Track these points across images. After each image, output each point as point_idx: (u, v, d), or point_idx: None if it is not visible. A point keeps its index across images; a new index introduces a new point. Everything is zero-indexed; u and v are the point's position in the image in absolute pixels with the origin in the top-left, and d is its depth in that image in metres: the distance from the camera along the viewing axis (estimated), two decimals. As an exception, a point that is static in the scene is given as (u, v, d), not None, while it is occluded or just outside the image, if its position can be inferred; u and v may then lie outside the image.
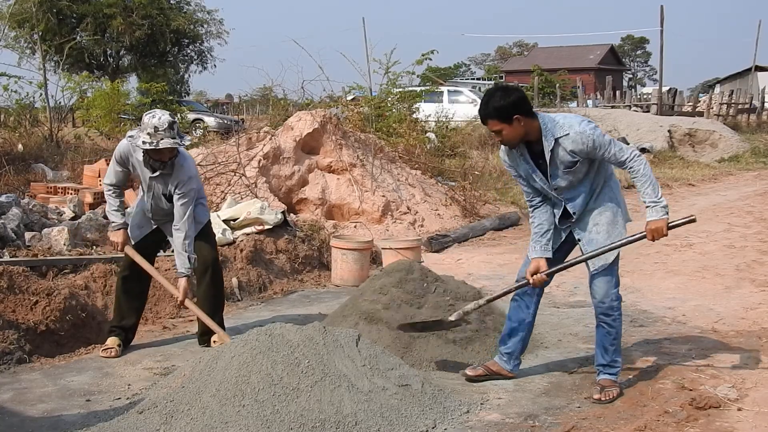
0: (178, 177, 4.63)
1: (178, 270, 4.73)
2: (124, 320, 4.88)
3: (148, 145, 4.40)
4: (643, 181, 3.78)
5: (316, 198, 9.70)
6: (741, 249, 8.07)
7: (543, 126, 3.81)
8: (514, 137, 3.82)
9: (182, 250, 4.67)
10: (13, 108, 13.31)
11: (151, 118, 4.43)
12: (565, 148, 3.80)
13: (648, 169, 3.78)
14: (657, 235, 3.80)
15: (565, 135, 3.78)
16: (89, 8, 27.74)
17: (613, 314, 3.99)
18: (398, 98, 14.57)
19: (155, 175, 4.62)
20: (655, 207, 3.78)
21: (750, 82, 36.96)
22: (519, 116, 3.75)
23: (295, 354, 3.66)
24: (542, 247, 4.02)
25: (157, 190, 4.68)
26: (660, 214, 3.78)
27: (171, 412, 3.56)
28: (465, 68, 69.43)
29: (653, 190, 3.77)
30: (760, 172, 17.15)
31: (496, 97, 3.78)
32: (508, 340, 4.24)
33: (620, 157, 3.79)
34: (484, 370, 4.26)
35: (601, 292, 3.98)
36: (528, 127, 3.80)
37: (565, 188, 3.93)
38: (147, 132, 4.41)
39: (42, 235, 6.01)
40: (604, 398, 3.91)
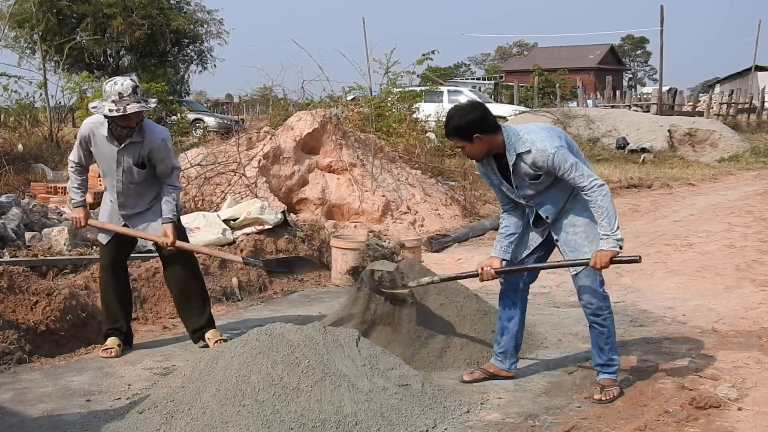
0: (153, 141, 4.54)
1: (164, 215, 4.62)
2: (118, 323, 4.82)
3: (115, 112, 4.32)
4: (599, 213, 3.77)
5: (316, 198, 9.70)
6: (741, 249, 8.07)
7: (507, 140, 3.86)
8: (476, 153, 3.92)
9: (170, 198, 4.62)
10: (13, 108, 13.32)
11: (113, 85, 4.34)
12: (526, 163, 3.85)
13: (606, 200, 3.75)
14: (599, 264, 3.79)
15: (527, 151, 3.83)
16: (89, 8, 27.74)
17: (603, 313, 4.01)
18: (398, 98, 14.57)
19: (123, 146, 4.51)
20: (609, 239, 3.76)
21: (750, 82, 36.97)
22: (479, 135, 3.83)
23: (295, 354, 3.66)
24: (502, 248, 4.12)
25: (127, 163, 4.56)
26: (611, 246, 3.76)
27: (171, 412, 3.56)
28: (465, 68, 69.40)
29: (609, 223, 3.75)
30: (760, 171, 17.14)
31: (456, 117, 3.87)
32: (501, 338, 4.27)
33: (579, 182, 3.79)
34: (482, 373, 4.26)
35: (587, 295, 4.00)
36: (490, 143, 3.87)
37: (533, 196, 3.98)
38: (111, 100, 4.32)
39: (42, 235, 6.01)
40: (604, 398, 3.92)
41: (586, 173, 3.78)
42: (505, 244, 4.12)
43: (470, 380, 4.22)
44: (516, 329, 4.24)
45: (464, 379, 4.24)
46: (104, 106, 4.36)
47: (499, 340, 4.28)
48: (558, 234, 4.03)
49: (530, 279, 4.26)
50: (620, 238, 3.76)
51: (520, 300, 4.24)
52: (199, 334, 4.85)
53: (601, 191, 3.76)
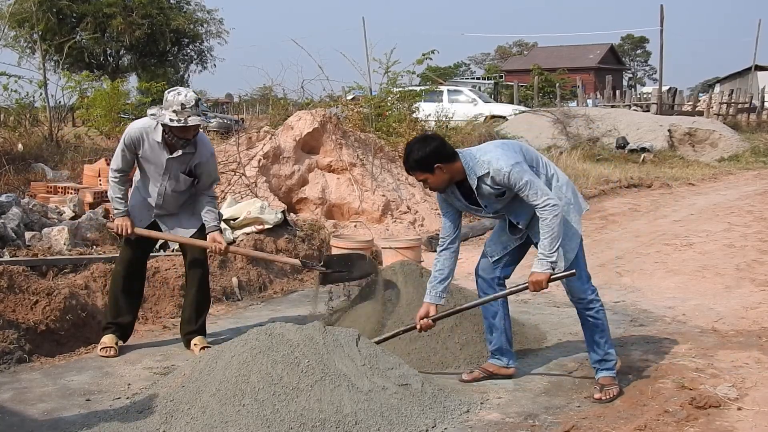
0: (203, 154, 4.64)
1: (210, 224, 4.72)
2: (120, 317, 4.82)
3: (176, 123, 4.35)
4: (546, 231, 3.79)
5: (316, 197, 9.70)
6: (741, 248, 8.07)
7: (465, 165, 3.90)
8: (439, 184, 3.96)
9: (212, 208, 4.74)
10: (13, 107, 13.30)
11: (176, 95, 4.37)
12: (488, 184, 3.89)
13: (555, 221, 3.77)
14: (537, 287, 3.84)
15: (486, 173, 3.86)
16: (89, 8, 27.74)
17: (595, 306, 4.05)
18: (398, 98, 14.55)
19: (174, 156, 4.55)
20: (543, 260, 3.81)
21: (750, 82, 36.96)
22: (440, 165, 3.86)
23: (295, 353, 3.66)
24: (437, 294, 4.16)
25: (175, 171, 4.61)
26: (544, 268, 3.80)
27: (171, 411, 3.56)
28: (465, 68, 69.40)
29: (550, 243, 3.78)
30: (760, 171, 17.15)
31: (415, 150, 3.90)
32: (491, 336, 4.30)
33: (533, 200, 3.82)
34: (481, 373, 4.27)
35: (577, 291, 4.04)
36: (451, 172, 3.91)
37: (503, 209, 4.04)
38: (173, 110, 4.34)
39: (42, 235, 6.01)
40: (604, 397, 3.92)
41: (540, 191, 3.81)
42: (440, 289, 4.16)
43: (470, 379, 4.23)
44: (503, 324, 4.26)
45: (463, 378, 4.25)
46: (165, 114, 4.38)
47: (489, 339, 4.31)
48: (536, 237, 4.01)
49: (504, 273, 4.26)
50: (554, 260, 3.81)
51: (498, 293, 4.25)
52: (187, 338, 4.87)
53: (553, 210, 3.78)
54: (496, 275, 4.23)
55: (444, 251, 4.17)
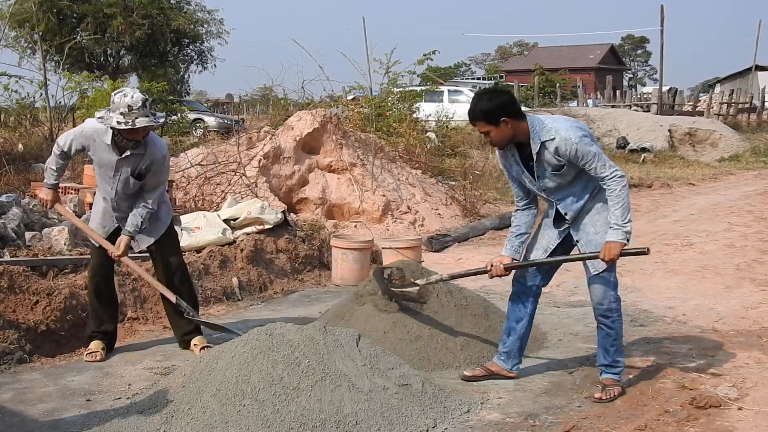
0: (153, 155, 4.52)
1: (124, 228, 4.59)
2: (104, 326, 4.80)
3: (124, 125, 4.26)
4: (616, 202, 3.77)
5: (317, 197, 9.70)
6: (741, 248, 8.07)
7: (531, 128, 3.83)
8: (501, 139, 3.88)
9: (138, 214, 4.57)
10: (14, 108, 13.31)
11: (122, 97, 4.29)
12: (550, 151, 3.82)
13: (624, 192, 3.77)
14: (609, 256, 3.78)
15: (551, 139, 3.80)
16: (89, 8, 27.73)
17: (612, 316, 3.99)
18: (398, 98, 14.57)
19: (124, 156, 4.48)
20: (618, 230, 3.76)
21: (750, 82, 36.95)
22: (506, 119, 3.79)
23: (296, 354, 3.66)
24: (513, 248, 4.09)
25: (125, 173, 4.53)
26: (619, 237, 3.76)
27: (171, 411, 3.56)
28: (465, 68, 69.38)
29: (622, 213, 3.76)
30: (760, 171, 17.16)
31: (483, 100, 3.83)
32: (507, 338, 4.24)
33: (600, 172, 3.79)
34: (483, 371, 4.25)
35: (599, 295, 3.98)
36: (516, 129, 3.84)
37: (554, 189, 3.95)
38: (120, 112, 4.27)
39: (42, 235, 6.01)
40: (605, 397, 3.92)
41: (608, 163, 3.80)
42: (516, 243, 4.08)
43: (471, 375, 4.21)
44: (523, 331, 4.21)
45: (465, 374, 4.23)
46: (112, 117, 4.31)
47: (504, 340, 4.25)
48: (578, 234, 3.99)
49: (543, 282, 4.20)
50: (629, 230, 3.77)
51: (531, 303, 4.19)
52: (185, 340, 4.86)
53: (621, 181, 3.77)
54: (536, 283, 4.15)
55: (519, 210, 4.11)
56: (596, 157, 3.78)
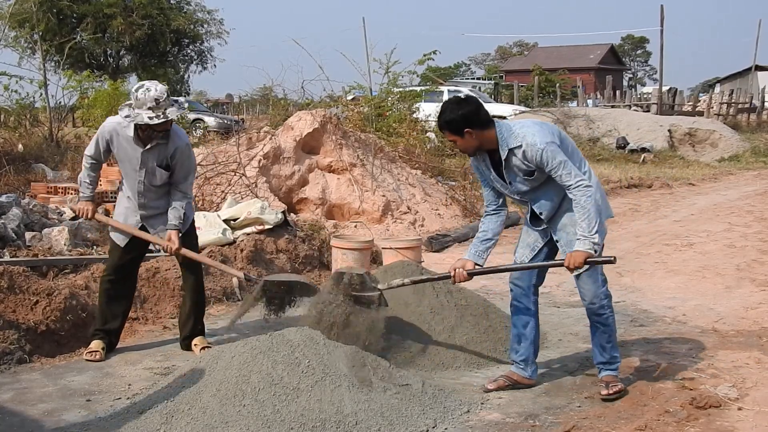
0: (176, 143, 4.53)
1: (170, 222, 4.62)
2: (108, 324, 4.80)
3: (157, 119, 4.28)
4: (581, 213, 3.76)
5: (317, 198, 9.70)
6: (741, 248, 8.07)
7: (499, 136, 3.85)
8: (467, 148, 3.92)
9: (179, 206, 4.61)
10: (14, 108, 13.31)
11: (147, 92, 4.29)
12: (518, 158, 3.83)
13: (589, 201, 3.74)
14: (573, 264, 3.77)
15: (518, 146, 3.81)
16: (89, 8, 27.76)
17: (605, 312, 4.00)
18: (398, 98, 14.57)
19: (148, 147, 4.49)
20: (585, 240, 3.75)
21: (750, 82, 36.97)
22: (469, 129, 3.82)
23: (296, 354, 3.66)
24: (477, 252, 4.07)
25: (151, 164, 4.54)
26: (586, 247, 3.75)
27: (171, 412, 3.55)
28: (465, 68, 69.40)
29: (588, 224, 3.74)
30: (760, 171, 17.16)
31: (447, 111, 3.87)
32: (519, 346, 4.17)
33: (566, 181, 3.78)
34: (506, 381, 4.13)
35: (589, 294, 3.98)
36: (481, 138, 3.86)
37: (526, 192, 3.96)
38: (148, 107, 4.28)
39: (42, 235, 6.02)
40: (611, 392, 3.92)
41: (573, 172, 3.77)
42: (481, 248, 4.08)
43: (494, 388, 4.10)
44: (534, 335, 4.17)
45: (488, 387, 4.10)
46: (141, 114, 4.30)
47: (516, 348, 4.18)
48: (558, 234, 4.00)
49: (538, 282, 4.18)
50: (597, 241, 3.76)
51: (533, 303, 4.17)
52: (187, 342, 4.87)
53: (587, 192, 3.75)
54: (532, 282, 4.14)
55: (488, 215, 4.12)
56: (562, 164, 3.76)
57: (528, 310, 4.15)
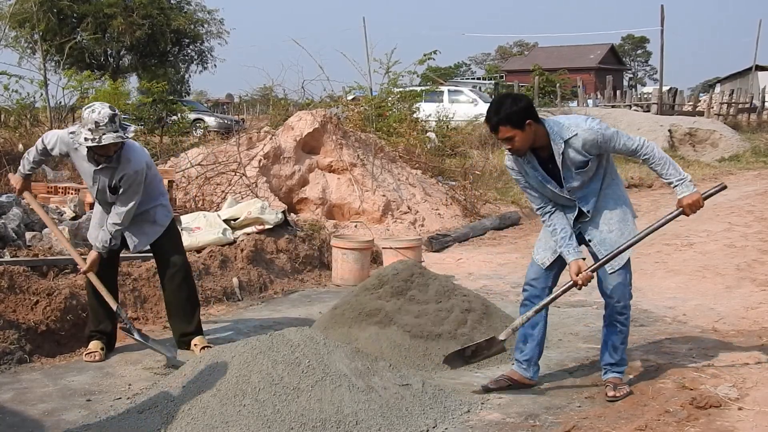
0: (125, 169, 4.46)
1: (94, 244, 4.61)
2: (101, 325, 4.79)
3: (91, 142, 4.24)
4: (662, 164, 3.81)
5: (317, 198, 9.70)
6: (742, 248, 8.07)
7: (550, 130, 3.79)
8: (525, 143, 3.79)
9: (107, 230, 4.56)
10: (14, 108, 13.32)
11: (90, 113, 4.25)
12: (576, 149, 3.77)
13: (661, 151, 3.81)
14: (694, 209, 3.81)
15: (574, 135, 3.76)
16: (90, 8, 27.75)
17: (627, 313, 4.00)
18: (399, 98, 14.57)
19: (99, 167, 4.47)
20: (683, 183, 3.80)
21: (750, 82, 36.94)
22: (531, 121, 3.74)
23: (296, 353, 3.66)
24: (576, 250, 3.93)
25: (102, 184, 4.53)
26: (691, 188, 3.80)
27: (171, 411, 3.56)
28: (465, 68, 69.35)
29: (675, 169, 3.80)
30: (760, 171, 17.14)
31: (507, 104, 3.75)
32: (524, 346, 4.14)
33: (630, 145, 3.81)
34: (506, 381, 4.12)
35: (618, 292, 3.95)
36: (537, 133, 3.79)
37: (577, 188, 3.90)
38: (88, 128, 4.24)
39: (43, 235, 6.02)
40: (618, 394, 3.92)
41: (631, 136, 3.82)
42: (574, 245, 3.92)
43: (495, 388, 4.08)
44: (541, 336, 4.14)
45: (488, 386, 4.09)
46: (81, 133, 4.29)
47: (521, 348, 4.15)
48: (590, 233, 3.95)
49: (553, 284, 4.15)
50: (690, 178, 3.83)
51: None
52: (185, 341, 4.85)
53: (653, 145, 3.82)
54: (548, 285, 4.09)
55: (551, 214, 3.97)
56: (619, 135, 3.81)
57: (540, 312, 4.11)
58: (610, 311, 4.02)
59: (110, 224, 4.58)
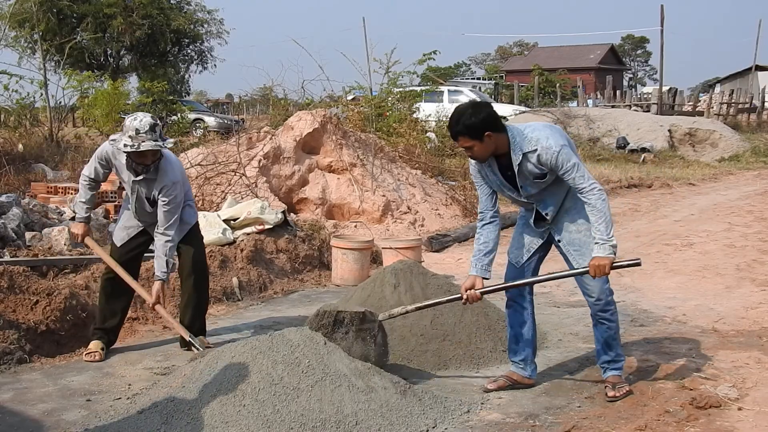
0: (163, 181, 4.54)
1: (155, 273, 4.65)
2: (107, 321, 4.82)
3: (129, 148, 4.32)
4: (597, 217, 3.73)
5: (317, 198, 9.70)
6: (741, 248, 8.07)
7: (512, 140, 3.82)
8: (484, 153, 3.84)
9: (162, 254, 4.59)
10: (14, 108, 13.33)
11: (132, 121, 4.35)
12: (533, 163, 3.80)
13: (604, 205, 3.73)
14: (599, 272, 3.74)
15: (533, 150, 3.78)
16: (89, 8, 27.74)
17: (610, 308, 4.00)
18: (398, 98, 14.58)
19: (138, 178, 4.55)
20: (604, 245, 3.72)
21: (750, 82, 36.96)
22: (490, 133, 3.76)
23: (296, 354, 3.66)
24: (483, 267, 4.02)
25: (141, 194, 4.62)
26: (606, 252, 3.72)
27: (171, 412, 3.55)
28: (465, 68, 69.35)
29: (605, 228, 3.71)
30: (760, 171, 17.15)
31: (467, 114, 3.78)
32: (516, 347, 4.17)
33: (579, 183, 3.75)
34: (506, 381, 4.13)
35: (596, 291, 3.96)
36: (497, 142, 3.82)
37: (536, 194, 3.94)
38: (128, 135, 4.33)
39: (42, 235, 6.02)
40: (618, 394, 3.92)
41: (586, 175, 3.76)
42: (486, 262, 4.03)
43: (495, 388, 4.09)
44: (531, 335, 4.16)
45: (488, 387, 4.10)
46: (121, 140, 4.38)
47: (514, 348, 4.17)
48: (560, 234, 3.98)
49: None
50: (615, 244, 3.73)
51: (529, 304, 4.16)
52: (186, 342, 4.86)
53: (601, 195, 3.74)
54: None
55: (485, 225, 4.03)
56: (575, 167, 3.75)
57: (524, 310, 4.15)
58: (593, 311, 4.04)
59: (162, 245, 4.59)
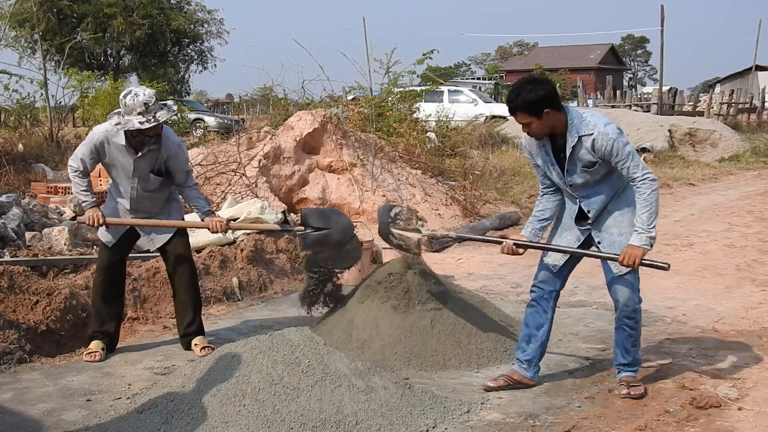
0: (168, 148, 4.53)
1: (204, 210, 4.69)
2: (105, 326, 4.79)
3: (147, 123, 4.25)
4: (644, 206, 3.70)
5: (317, 198, 9.70)
6: (741, 248, 8.07)
7: (570, 121, 3.76)
8: (541, 130, 3.78)
9: (197, 197, 4.72)
10: (14, 107, 13.34)
11: (135, 97, 4.28)
12: (587, 147, 3.74)
13: (654, 196, 3.69)
14: (629, 261, 3.71)
15: (589, 134, 3.72)
16: (90, 8, 27.77)
17: (636, 317, 3.96)
18: (398, 98, 14.57)
19: (140, 155, 4.48)
20: (643, 234, 3.69)
21: (750, 82, 36.95)
22: (549, 110, 3.70)
23: (296, 353, 3.66)
24: (532, 230, 4.01)
25: (144, 171, 4.54)
26: (643, 242, 3.69)
27: (171, 412, 3.56)
28: (465, 68, 69.39)
29: (648, 218, 3.69)
30: (760, 171, 17.14)
31: (526, 90, 3.70)
32: (527, 346, 4.14)
33: (633, 172, 3.70)
34: (506, 380, 4.11)
35: (624, 296, 3.92)
36: (555, 121, 3.75)
37: (581, 186, 3.86)
38: (138, 112, 4.25)
39: (42, 235, 6.02)
40: (633, 393, 3.91)
41: (641, 164, 3.72)
42: (537, 227, 4.00)
43: (494, 387, 4.08)
44: (544, 338, 4.13)
45: (488, 385, 4.09)
46: (131, 120, 4.28)
47: (524, 348, 4.14)
48: (601, 236, 3.91)
49: (561, 288, 4.14)
50: (654, 236, 3.70)
51: (551, 308, 4.13)
52: (186, 340, 4.87)
53: (652, 185, 3.70)
54: (556, 288, 4.08)
55: (545, 195, 4.02)
56: (630, 156, 3.70)
57: (545, 314, 4.11)
58: (618, 314, 4.00)
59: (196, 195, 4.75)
